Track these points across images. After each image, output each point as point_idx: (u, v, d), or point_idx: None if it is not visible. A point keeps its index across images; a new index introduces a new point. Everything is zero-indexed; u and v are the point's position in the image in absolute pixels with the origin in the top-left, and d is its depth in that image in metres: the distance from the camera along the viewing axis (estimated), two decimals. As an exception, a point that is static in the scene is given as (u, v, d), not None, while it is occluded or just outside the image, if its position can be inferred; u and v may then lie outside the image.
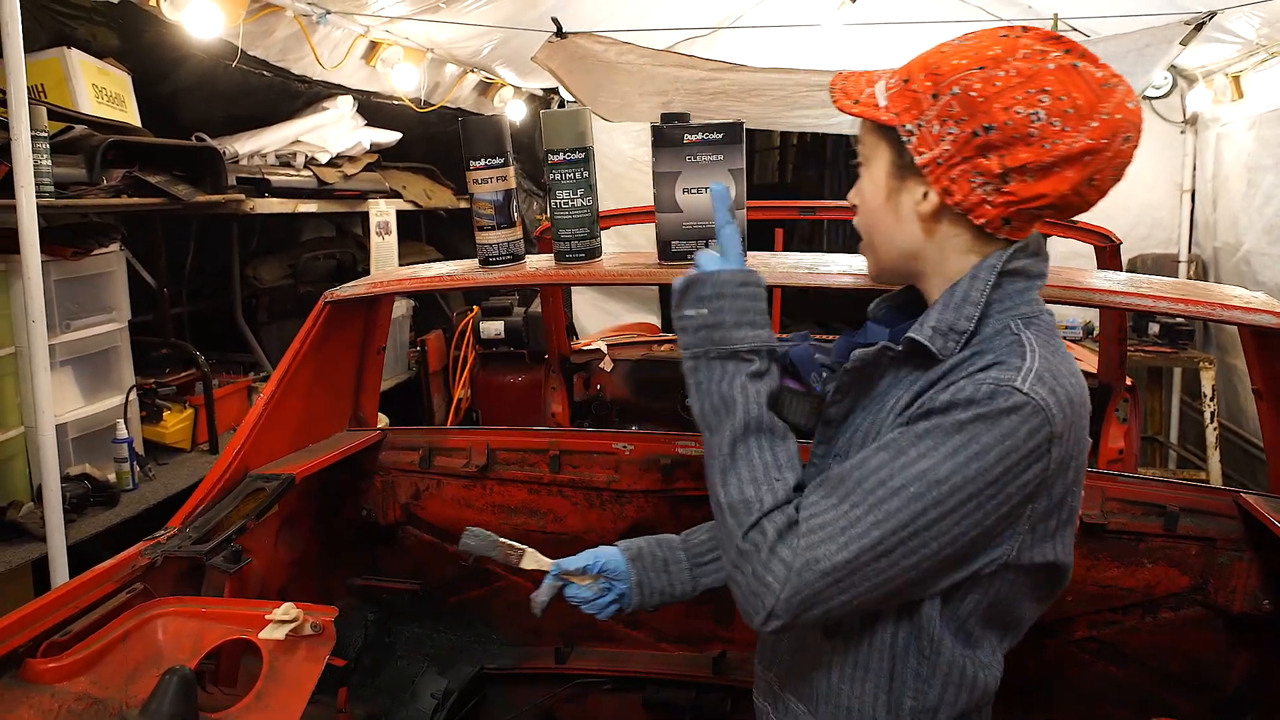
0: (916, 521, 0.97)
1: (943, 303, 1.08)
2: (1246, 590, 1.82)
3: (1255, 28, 3.99)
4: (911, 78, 1.05)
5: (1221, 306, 1.61)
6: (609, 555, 1.41)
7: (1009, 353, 1.03)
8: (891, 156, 1.08)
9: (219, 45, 3.29)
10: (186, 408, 3.53)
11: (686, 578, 1.41)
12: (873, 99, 1.08)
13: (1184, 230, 5.40)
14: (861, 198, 1.15)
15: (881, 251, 1.15)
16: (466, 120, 1.86)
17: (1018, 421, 0.97)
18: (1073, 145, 0.97)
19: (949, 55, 1.03)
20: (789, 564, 0.99)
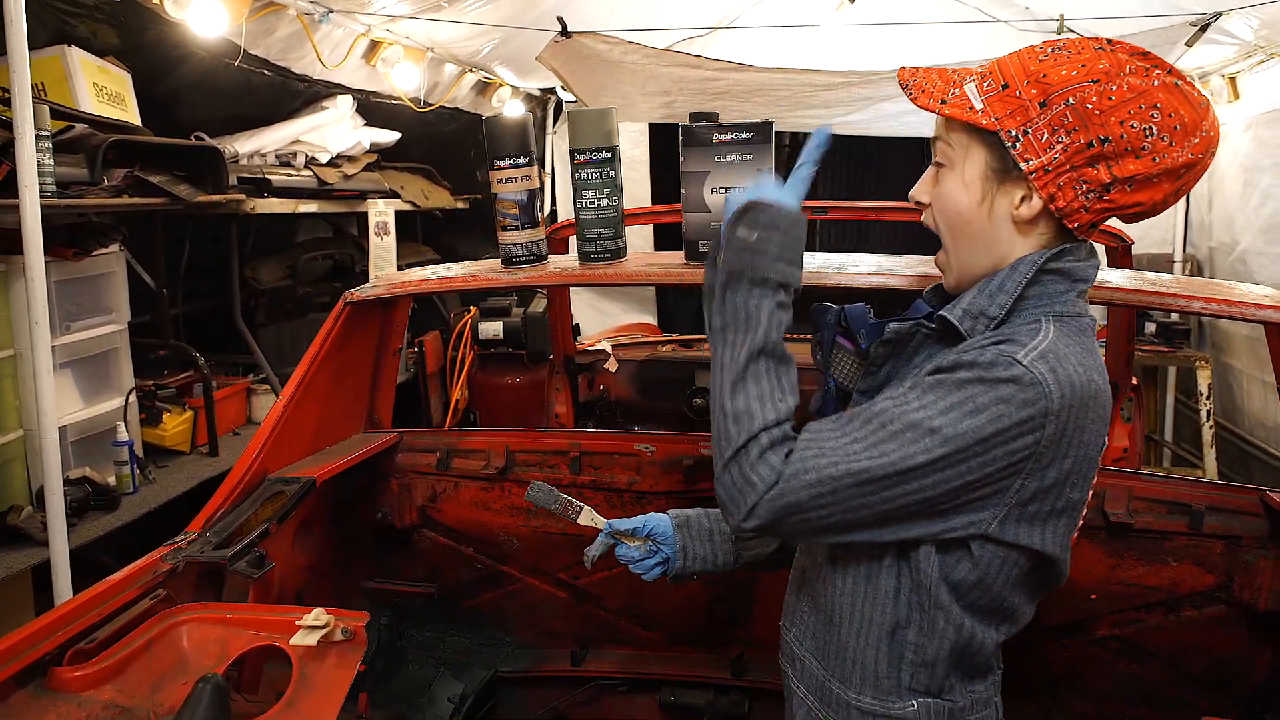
0: (905, 463, 1.03)
1: (979, 288, 1.13)
2: (1272, 588, 1.83)
3: (1254, 29, 4.02)
4: (1012, 83, 1.07)
5: (1254, 305, 1.61)
6: (659, 520, 1.50)
7: (1026, 335, 1.08)
8: (988, 159, 1.11)
9: (221, 44, 3.25)
10: (186, 410, 3.49)
11: (729, 549, 1.50)
12: (965, 100, 1.10)
13: (1179, 230, 5.44)
14: (944, 198, 1.16)
15: (966, 255, 1.16)
16: (490, 119, 1.84)
17: (1013, 390, 1.01)
18: (1177, 160, 1.04)
19: (1054, 65, 1.06)
20: (778, 470, 1.06)
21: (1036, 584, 1.17)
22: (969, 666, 1.19)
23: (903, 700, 1.18)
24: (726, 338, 1.13)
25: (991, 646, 1.18)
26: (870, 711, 1.20)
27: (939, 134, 1.15)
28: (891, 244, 6.44)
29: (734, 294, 1.12)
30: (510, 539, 2.29)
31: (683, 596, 2.28)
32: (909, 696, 1.19)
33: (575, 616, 2.38)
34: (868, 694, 1.20)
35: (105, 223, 3.08)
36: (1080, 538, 1.93)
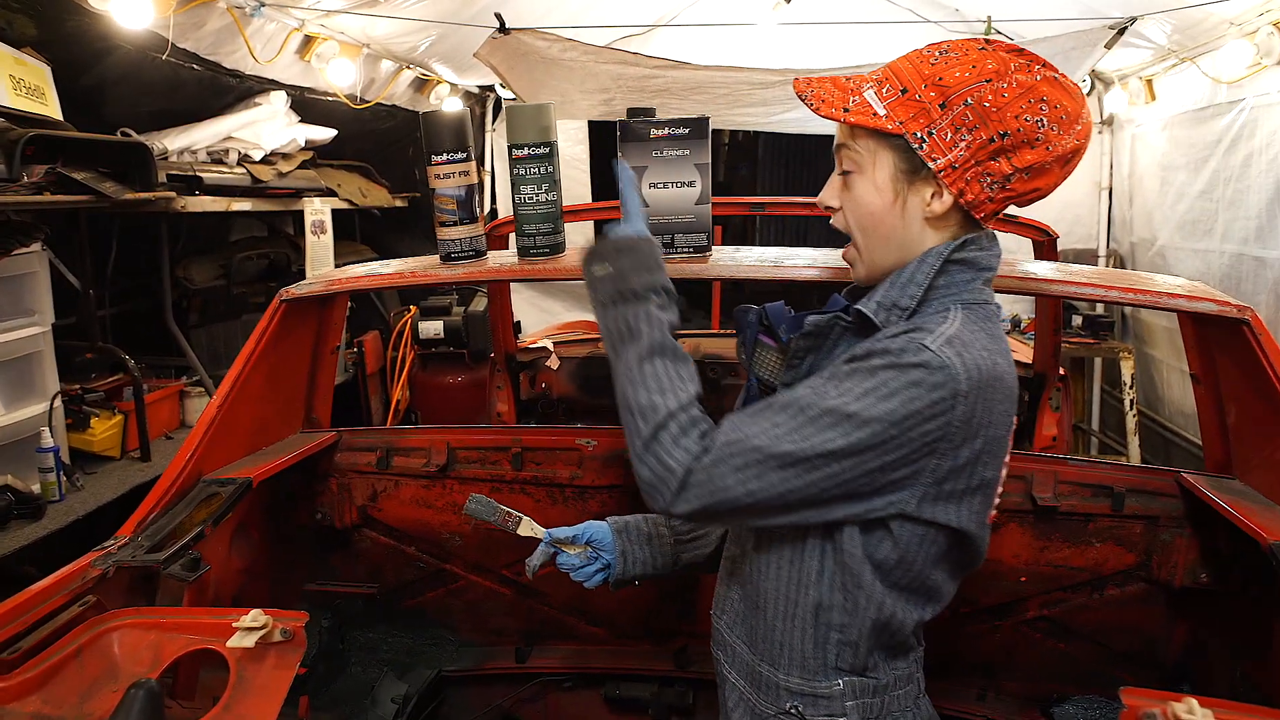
0: (825, 445, 1.08)
1: (890, 282, 1.19)
2: (1186, 565, 1.91)
3: (1167, 34, 4.20)
4: (911, 88, 1.13)
5: (1167, 295, 1.68)
6: (597, 527, 1.55)
7: (934, 323, 1.13)
8: (896, 161, 1.16)
9: (147, 37, 3.16)
10: (115, 414, 3.39)
11: (668, 552, 1.55)
12: (868, 107, 1.15)
13: (1102, 226, 5.64)
14: (854, 200, 1.21)
15: (879, 252, 1.22)
16: (427, 115, 1.83)
17: (923, 374, 1.07)
18: (1066, 146, 1.12)
19: (947, 68, 1.12)
20: (694, 452, 1.10)
21: (956, 562, 1.22)
22: (892, 644, 1.24)
23: (829, 679, 1.23)
24: (618, 352, 1.19)
25: (912, 625, 1.23)
26: (798, 691, 1.24)
27: (843, 141, 1.20)
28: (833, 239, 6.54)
29: (610, 316, 1.20)
30: (453, 537, 2.28)
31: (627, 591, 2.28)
32: (835, 675, 1.23)
33: (520, 613, 2.38)
34: (795, 674, 1.24)
35: (25, 221, 2.97)
36: (1010, 521, 2.01)
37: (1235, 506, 1.70)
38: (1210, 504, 1.77)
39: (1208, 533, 1.89)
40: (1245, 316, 1.68)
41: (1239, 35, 3.76)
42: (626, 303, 1.19)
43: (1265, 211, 3.73)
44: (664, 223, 1.77)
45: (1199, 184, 4.36)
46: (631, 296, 1.19)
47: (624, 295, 1.20)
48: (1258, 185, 3.80)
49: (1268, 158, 3.72)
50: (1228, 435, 1.94)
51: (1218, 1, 3.46)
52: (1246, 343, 1.69)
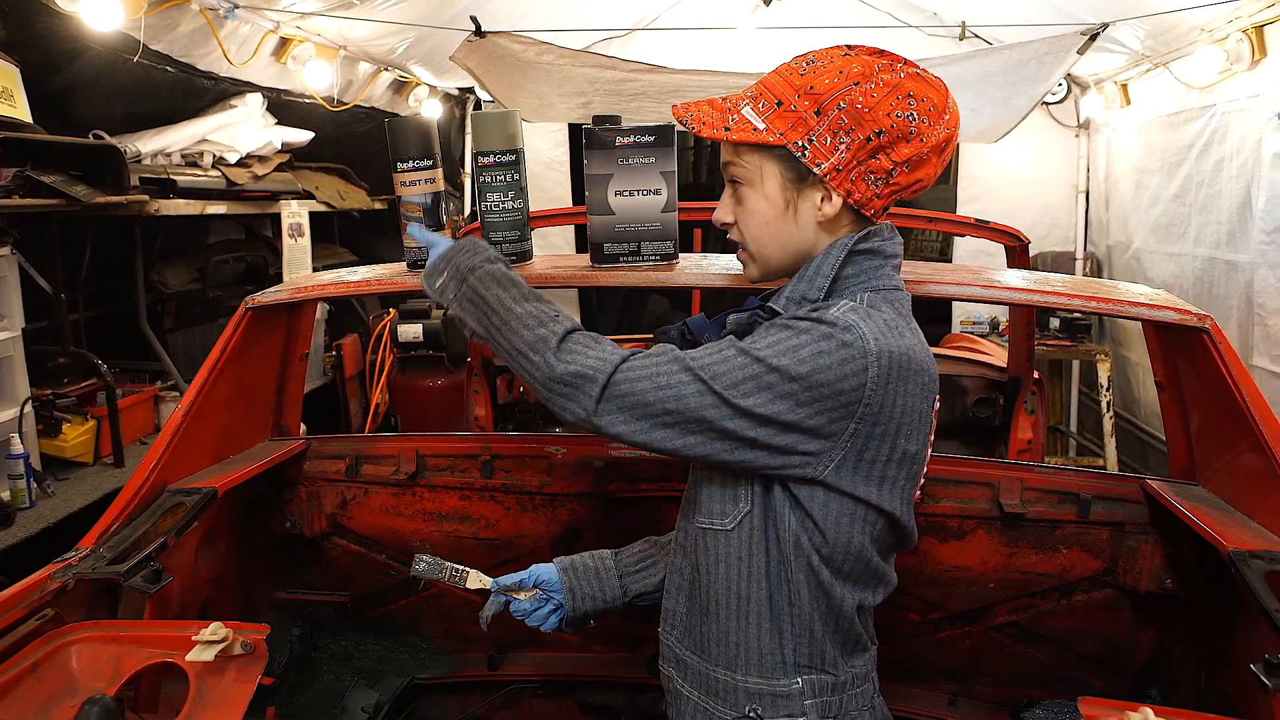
0: (733, 375, 1.12)
1: (798, 276, 1.24)
2: (1151, 571, 1.93)
3: (1140, 39, 4.24)
4: (785, 100, 1.17)
5: (1129, 304, 1.70)
6: (543, 569, 1.54)
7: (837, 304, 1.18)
8: (782, 171, 1.20)
9: (118, 39, 3.14)
10: (88, 420, 3.36)
11: (615, 584, 1.53)
12: (747, 124, 1.18)
13: (1079, 229, 5.68)
14: (748, 213, 1.25)
15: (774, 257, 1.27)
16: (392, 121, 1.82)
17: (828, 330, 1.12)
18: (939, 136, 1.17)
19: (816, 76, 1.16)
20: (614, 360, 1.16)
21: (889, 544, 1.25)
22: (847, 637, 1.25)
23: (788, 677, 1.24)
24: (488, 322, 1.25)
25: (860, 611, 1.25)
26: (757, 692, 1.24)
27: (729, 159, 1.24)
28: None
29: (465, 303, 1.28)
30: (423, 544, 2.27)
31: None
32: (794, 673, 1.24)
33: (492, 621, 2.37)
34: (754, 674, 1.25)
35: (-6, 225, 2.95)
36: (978, 528, 2.02)
37: (1197, 513, 1.72)
38: (1173, 510, 1.78)
39: (1172, 539, 1.90)
40: (1205, 325, 1.69)
41: (1209, 41, 3.80)
42: (468, 280, 1.28)
43: (1236, 216, 3.77)
44: (630, 230, 1.77)
45: (1172, 188, 4.40)
46: (469, 272, 1.28)
47: (464, 278, 1.28)
48: (1228, 190, 3.84)
49: (1238, 163, 3.75)
50: (1191, 442, 1.95)
51: (1188, 9, 3.49)
52: (1207, 351, 1.71)
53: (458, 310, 1.30)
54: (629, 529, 2.23)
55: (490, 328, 1.25)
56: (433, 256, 1.37)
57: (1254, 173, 3.60)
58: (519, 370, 1.22)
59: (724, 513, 1.24)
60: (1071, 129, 5.62)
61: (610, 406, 1.15)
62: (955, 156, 6.45)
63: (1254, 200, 3.59)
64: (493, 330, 1.25)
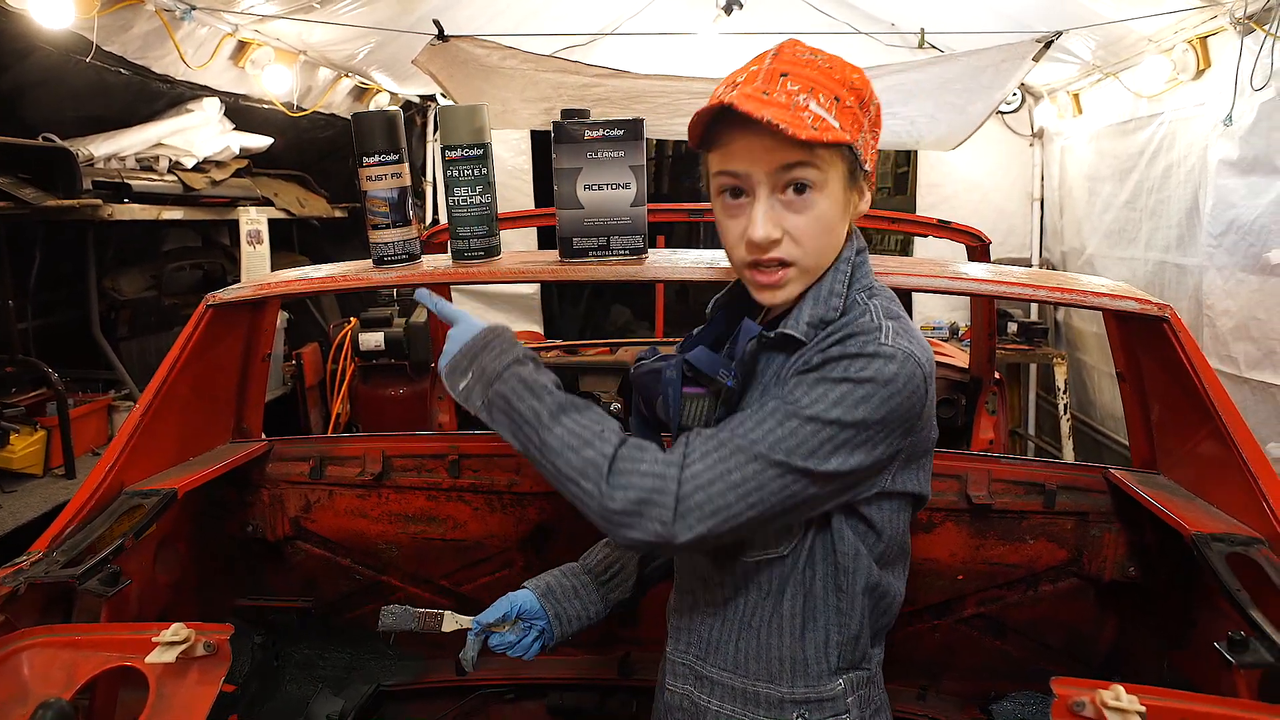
0: (809, 444, 1.07)
1: (813, 299, 1.17)
2: (1115, 559, 1.96)
3: (1091, 50, 4.35)
4: (839, 95, 1.10)
5: (1092, 294, 1.73)
6: (523, 598, 1.44)
7: (861, 322, 1.14)
8: (845, 170, 1.14)
9: (70, 38, 3.06)
10: (37, 430, 3.27)
11: (596, 598, 1.47)
12: (825, 122, 1.07)
13: (1035, 236, 5.80)
14: (811, 222, 1.13)
15: (824, 265, 1.18)
16: (359, 115, 1.80)
17: (891, 374, 1.08)
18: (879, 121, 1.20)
19: (843, 71, 1.13)
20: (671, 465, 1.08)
21: (913, 517, 1.27)
22: (882, 624, 1.26)
23: (832, 680, 1.23)
24: (524, 439, 1.16)
25: (896, 591, 1.26)
26: (804, 700, 1.22)
27: (801, 159, 1.09)
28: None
29: (498, 414, 1.18)
30: (389, 547, 2.23)
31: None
32: (837, 675, 1.23)
33: None
34: (800, 684, 1.22)
35: (-62, 229, 2.86)
36: (946, 520, 2.03)
37: (1159, 500, 1.75)
38: (1136, 498, 1.81)
39: (1135, 527, 1.93)
40: (1165, 314, 1.73)
41: (1157, 52, 3.91)
42: (495, 386, 1.17)
43: (1184, 220, 3.87)
44: (599, 224, 1.76)
45: (1124, 194, 4.51)
46: (496, 377, 1.18)
47: (490, 382, 1.18)
48: (1177, 195, 3.94)
49: (1185, 169, 3.86)
50: (1152, 431, 1.99)
51: (1135, 18, 3.59)
52: (1167, 340, 1.74)
53: (485, 418, 1.20)
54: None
55: (527, 445, 1.15)
56: (453, 348, 1.24)
57: (1201, 178, 3.70)
58: (567, 494, 1.13)
59: (778, 543, 1.20)
60: (1026, 138, 5.74)
61: (687, 523, 1.07)
62: (913, 165, 6.55)
63: (1201, 205, 3.69)
64: (530, 448, 1.15)
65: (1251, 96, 3.26)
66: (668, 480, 1.07)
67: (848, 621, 1.22)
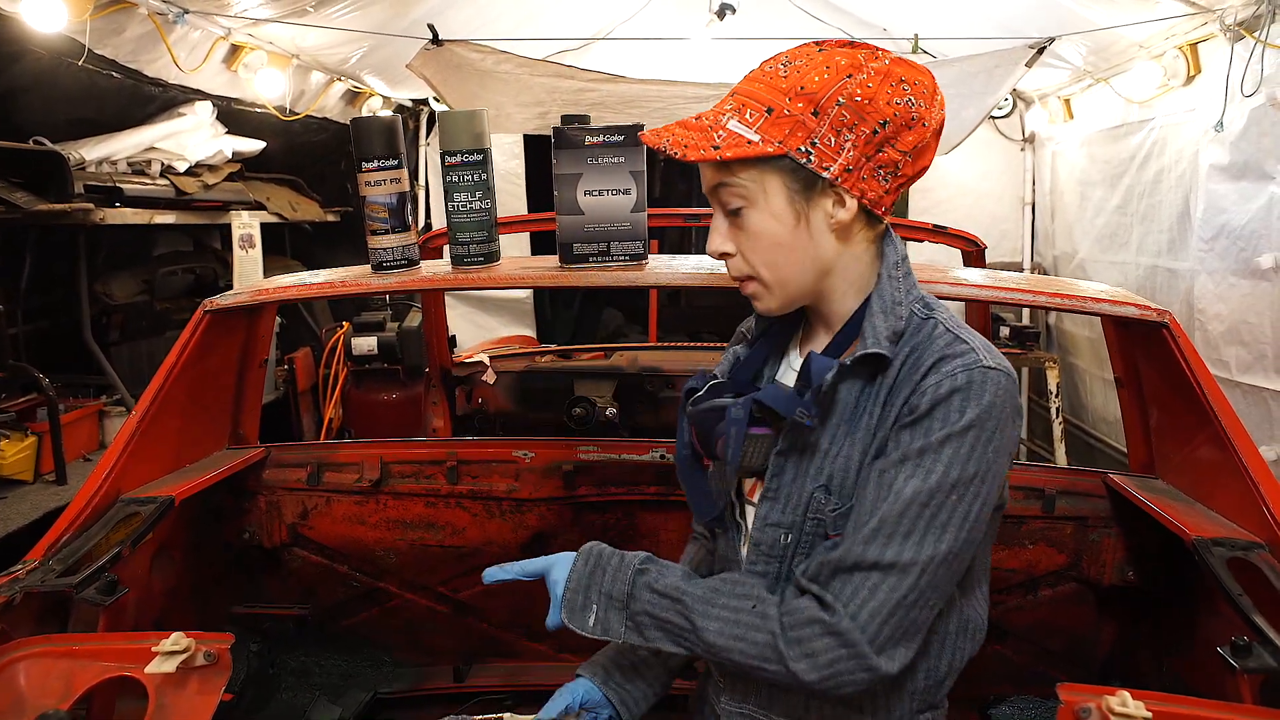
0: (966, 520, 1.04)
1: (880, 310, 1.12)
2: (1114, 564, 1.96)
3: (1082, 55, 4.37)
4: (775, 105, 1.06)
5: (1091, 300, 1.73)
6: (584, 687, 1.35)
7: (944, 341, 1.09)
8: (787, 183, 1.08)
9: (62, 42, 3.04)
10: (28, 435, 3.24)
11: (660, 669, 1.37)
12: (738, 138, 1.06)
13: (1026, 240, 5.83)
14: (754, 238, 1.12)
15: (794, 280, 1.14)
16: (358, 120, 1.79)
17: (1003, 395, 1.05)
18: (937, 118, 1.10)
19: (803, 76, 1.06)
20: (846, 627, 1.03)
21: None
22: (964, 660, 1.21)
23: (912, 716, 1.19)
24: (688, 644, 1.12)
25: (982, 619, 1.23)
26: None
27: (723, 180, 1.10)
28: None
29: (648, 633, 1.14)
30: (387, 554, 2.22)
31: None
32: (915, 716, 1.19)
33: (458, 631, 2.33)
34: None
35: (-71, 233, 2.84)
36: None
37: (1159, 505, 1.75)
38: (1136, 503, 1.82)
39: (1134, 532, 1.94)
40: (1165, 320, 1.74)
41: (1148, 58, 3.94)
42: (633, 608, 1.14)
43: (1175, 225, 3.89)
44: (599, 230, 1.76)
45: (1115, 199, 4.53)
46: (630, 599, 1.14)
47: (625, 606, 1.14)
48: (1168, 200, 3.97)
49: (1176, 174, 3.88)
50: (1150, 436, 2.00)
51: (1127, 25, 3.61)
52: (1166, 345, 1.75)
53: (638, 640, 1.14)
54: (598, 534, 2.22)
55: (693, 648, 1.12)
56: (560, 590, 1.17)
57: (1192, 183, 3.73)
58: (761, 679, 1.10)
59: None
60: (1017, 143, 5.77)
61: (890, 658, 1.04)
62: (905, 170, 6.56)
63: (1192, 210, 3.71)
64: (697, 650, 1.12)
65: (1242, 103, 3.28)
66: (847, 635, 1.03)
67: (936, 665, 1.17)
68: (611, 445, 2.15)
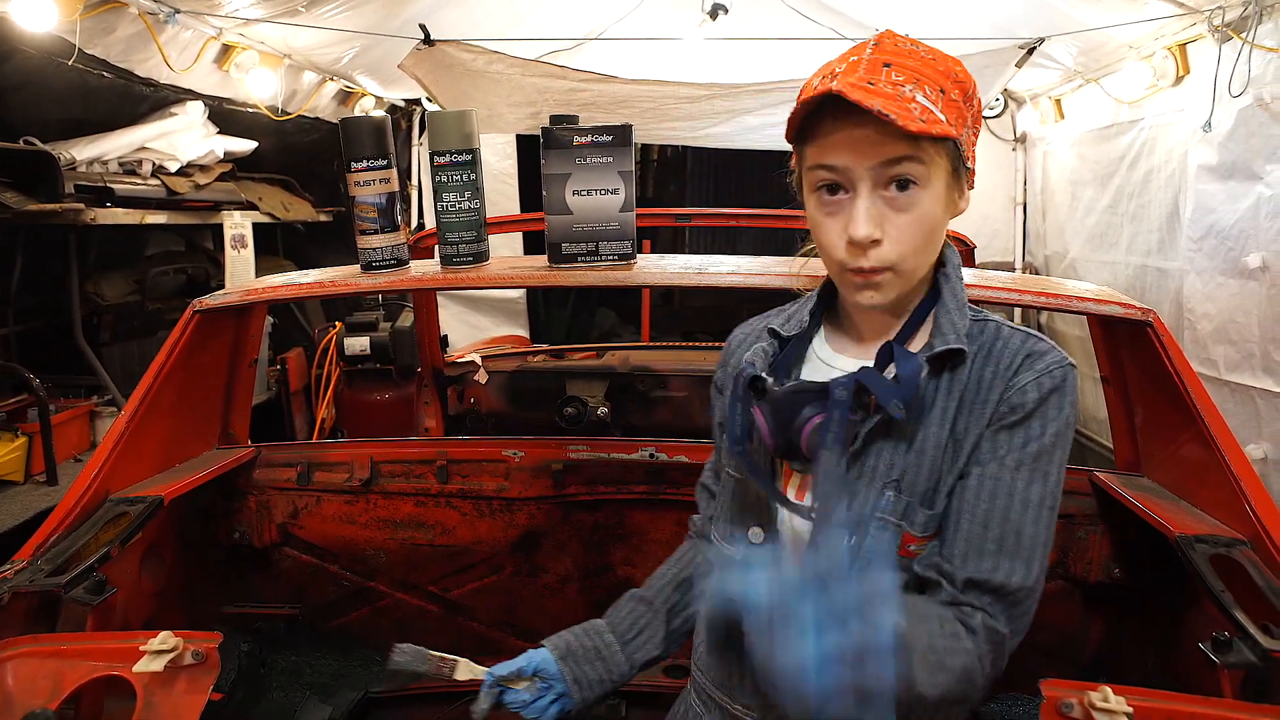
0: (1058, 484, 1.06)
1: (955, 306, 1.12)
2: (1100, 561, 1.97)
3: (1073, 56, 4.39)
4: (945, 87, 1.03)
5: (1077, 299, 1.74)
6: (541, 656, 1.33)
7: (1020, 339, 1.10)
8: (948, 167, 1.06)
9: (52, 41, 3.04)
10: (19, 436, 3.23)
11: (621, 659, 1.34)
12: (931, 114, 1.00)
13: (1018, 239, 5.85)
14: (915, 221, 1.04)
15: (920, 270, 1.09)
16: (347, 120, 1.80)
17: (1075, 383, 1.07)
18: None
19: (948, 63, 1.05)
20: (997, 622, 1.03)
21: None
22: None
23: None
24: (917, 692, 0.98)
25: None
26: None
27: (909, 154, 1.01)
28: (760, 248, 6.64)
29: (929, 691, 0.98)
30: (378, 553, 2.23)
31: (559, 603, 2.26)
32: None
33: (449, 631, 2.33)
34: None
35: (-82, 233, 2.83)
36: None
37: (1144, 502, 1.77)
38: (1121, 500, 1.83)
39: (1120, 529, 1.95)
40: (1149, 319, 1.75)
41: (1137, 58, 3.96)
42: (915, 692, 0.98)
43: (1165, 225, 3.91)
44: (588, 230, 1.77)
45: (1105, 199, 4.55)
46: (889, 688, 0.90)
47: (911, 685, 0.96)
48: (1157, 200, 3.98)
49: (1165, 174, 3.90)
50: (1136, 434, 2.01)
51: (1116, 25, 3.63)
52: (1151, 344, 1.76)
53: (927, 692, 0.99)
54: (588, 533, 2.23)
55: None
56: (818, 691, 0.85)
57: (1181, 183, 3.75)
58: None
59: None
60: (1009, 143, 5.79)
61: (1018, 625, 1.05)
62: (897, 170, 6.58)
63: (1181, 210, 3.73)
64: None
65: (1230, 103, 3.30)
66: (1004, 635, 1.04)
67: None
68: (601, 444, 2.16)
